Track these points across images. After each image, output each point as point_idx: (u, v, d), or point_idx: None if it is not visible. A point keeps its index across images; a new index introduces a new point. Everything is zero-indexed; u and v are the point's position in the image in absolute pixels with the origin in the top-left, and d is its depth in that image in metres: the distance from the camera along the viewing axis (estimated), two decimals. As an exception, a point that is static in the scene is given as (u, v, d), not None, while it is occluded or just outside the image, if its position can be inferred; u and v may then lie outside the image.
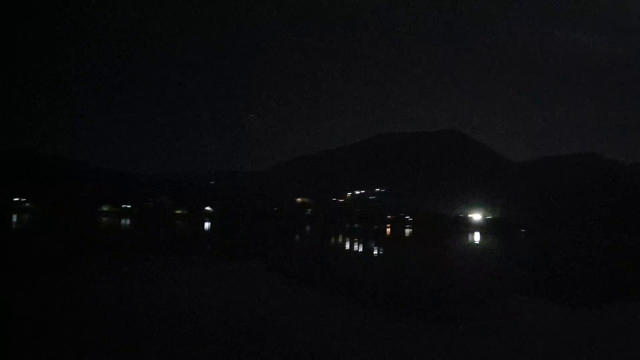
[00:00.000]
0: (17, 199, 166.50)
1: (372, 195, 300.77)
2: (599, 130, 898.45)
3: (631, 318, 15.83)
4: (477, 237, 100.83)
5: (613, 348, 11.25)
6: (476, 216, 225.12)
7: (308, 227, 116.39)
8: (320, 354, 9.66)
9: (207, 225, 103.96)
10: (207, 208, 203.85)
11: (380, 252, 42.26)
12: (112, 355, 8.79)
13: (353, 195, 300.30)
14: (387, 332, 11.72)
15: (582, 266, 37.08)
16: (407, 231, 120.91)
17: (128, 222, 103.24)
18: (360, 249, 45.22)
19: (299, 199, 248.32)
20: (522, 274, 29.08)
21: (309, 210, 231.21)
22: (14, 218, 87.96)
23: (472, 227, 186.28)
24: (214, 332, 10.88)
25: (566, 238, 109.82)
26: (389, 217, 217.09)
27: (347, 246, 50.20)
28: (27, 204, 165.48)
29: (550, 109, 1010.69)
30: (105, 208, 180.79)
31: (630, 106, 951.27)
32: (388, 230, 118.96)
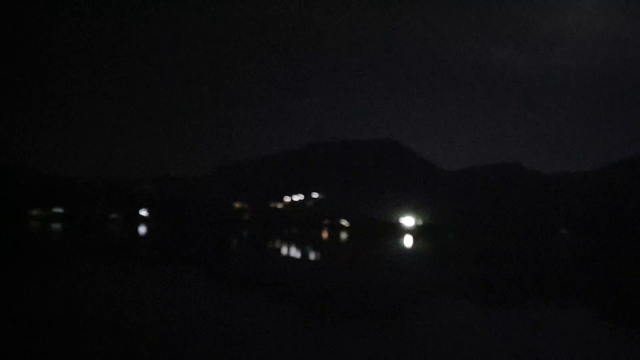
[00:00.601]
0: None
1: (310, 201, 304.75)
2: (523, 142, 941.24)
3: (540, 315, 16.42)
4: (408, 241, 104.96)
5: (521, 345, 11.72)
6: (409, 221, 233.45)
7: (245, 233, 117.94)
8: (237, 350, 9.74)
9: (141, 230, 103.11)
10: (143, 213, 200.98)
11: (315, 256, 43.50)
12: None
13: (291, 201, 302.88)
14: (300, 329, 11.97)
15: (502, 268, 39.79)
16: (343, 236, 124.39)
17: (59, 226, 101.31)
18: (296, 253, 46.11)
19: (236, 204, 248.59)
20: (443, 275, 30.83)
21: (247, 215, 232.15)
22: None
23: (405, 232, 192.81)
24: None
25: (491, 242, 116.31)
26: (325, 222, 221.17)
27: (283, 250, 51.25)
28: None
29: (480, 120, 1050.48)
30: (34, 212, 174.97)
31: (551, 119, 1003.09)
32: (324, 235, 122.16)
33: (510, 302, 20.27)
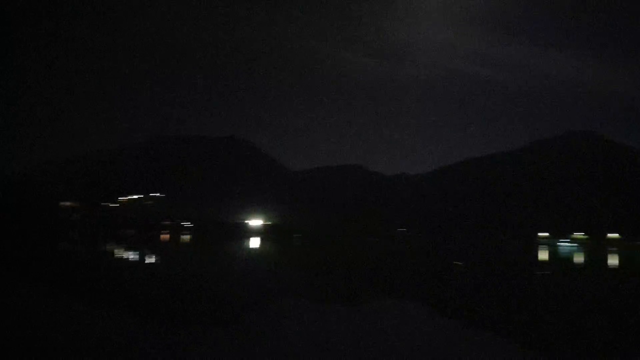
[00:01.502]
0: None
1: (149, 200, 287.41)
2: (366, 144, 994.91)
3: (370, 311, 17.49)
4: (254, 242, 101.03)
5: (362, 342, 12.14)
6: (256, 222, 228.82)
7: (74, 234, 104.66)
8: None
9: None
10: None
11: (150, 259, 38.76)
12: None
13: (128, 199, 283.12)
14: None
15: (341, 268, 38.30)
16: (185, 238, 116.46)
17: None
18: (130, 256, 41.10)
19: (64, 203, 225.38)
20: (282, 277, 29.57)
21: (76, 215, 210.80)
22: None
23: (251, 232, 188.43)
24: None
25: (336, 242, 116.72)
26: (165, 223, 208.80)
27: (114, 253, 45.10)
28: None
29: (326, 122, 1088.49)
30: None
31: (392, 123, 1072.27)
32: (164, 237, 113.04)
33: (346, 300, 20.83)
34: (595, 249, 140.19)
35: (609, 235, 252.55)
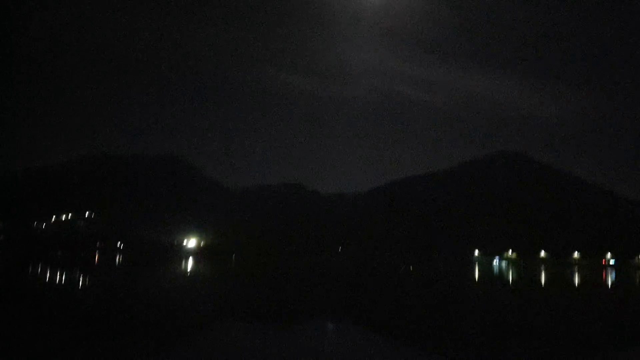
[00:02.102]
0: None
1: (81, 221, 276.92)
2: (304, 163, 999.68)
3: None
4: (190, 264, 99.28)
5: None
6: (192, 242, 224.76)
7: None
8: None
9: None
10: None
11: (81, 282, 37.55)
12: None
13: (58, 219, 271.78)
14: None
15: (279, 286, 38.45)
16: (118, 259, 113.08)
17: None
18: (58, 279, 39.64)
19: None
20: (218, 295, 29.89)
21: (1, 235, 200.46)
22: None
23: (188, 253, 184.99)
24: None
25: (273, 261, 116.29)
26: (98, 244, 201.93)
27: (42, 276, 43.39)
28: None
29: (265, 141, 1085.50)
30: None
31: (330, 142, 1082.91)
32: (96, 258, 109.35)
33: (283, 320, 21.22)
34: (527, 267, 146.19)
35: (541, 254, 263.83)
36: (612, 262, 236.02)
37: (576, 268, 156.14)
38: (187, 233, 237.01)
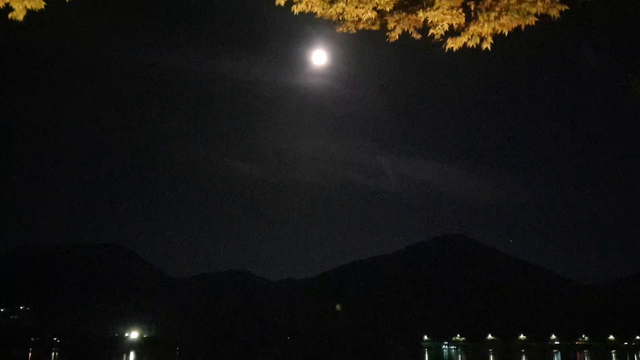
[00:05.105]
0: None
1: (14, 315, 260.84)
2: (252, 250, 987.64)
3: None
4: (130, 358, 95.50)
5: None
6: (133, 335, 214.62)
7: None
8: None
9: None
10: None
11: None
12: None
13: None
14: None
15: None
16: (54, 355, 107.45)
17: None
18: None
19: None
20: None
21: None
22: None
23: (129, 346, 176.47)
24: None
25: (218, 354, 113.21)
26: (32, 339, 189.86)
27: None
28: None
29: (211, 229, 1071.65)
30: None
31: (277, 229, 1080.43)
32: (29, 355, 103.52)
33: None
34: (475, 350, 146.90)
35: (488, 337, 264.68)
36: (556, 342, 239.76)
37: (523, 351, 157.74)
38: (129, 324, 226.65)
